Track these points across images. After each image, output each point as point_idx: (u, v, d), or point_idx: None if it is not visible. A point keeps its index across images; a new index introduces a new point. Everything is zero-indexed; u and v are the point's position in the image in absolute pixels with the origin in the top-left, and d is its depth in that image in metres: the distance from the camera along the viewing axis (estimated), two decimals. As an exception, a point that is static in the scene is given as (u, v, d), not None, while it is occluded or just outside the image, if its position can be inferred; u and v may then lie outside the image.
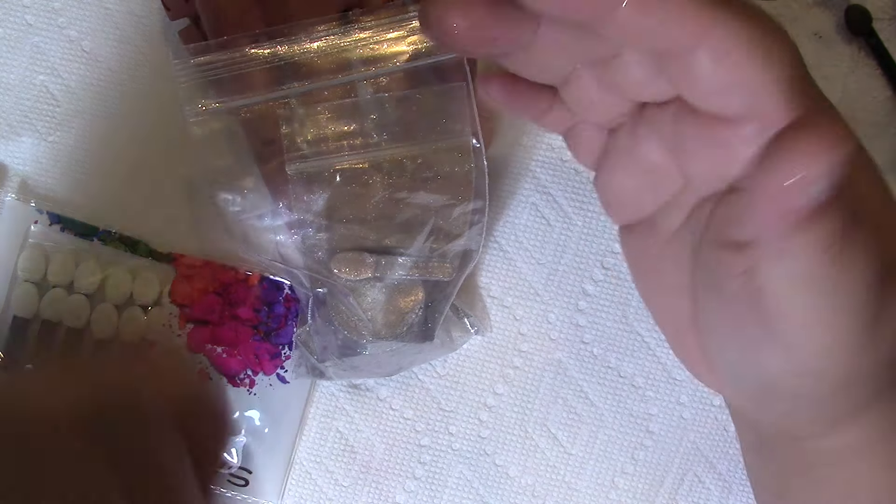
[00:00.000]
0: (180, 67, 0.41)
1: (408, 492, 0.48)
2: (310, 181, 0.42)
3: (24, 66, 0.47)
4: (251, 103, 0.42)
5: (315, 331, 0.44)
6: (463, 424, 0.48)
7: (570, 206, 0.48)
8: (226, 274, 0.46)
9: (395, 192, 0.42)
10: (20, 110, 0.47)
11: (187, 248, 0.47)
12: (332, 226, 0.42)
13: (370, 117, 0.42)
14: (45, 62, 0.47)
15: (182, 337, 0.46)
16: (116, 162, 0.47)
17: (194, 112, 0.42)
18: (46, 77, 0.47)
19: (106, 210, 0.47)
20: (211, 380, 0.46)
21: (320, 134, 0.42)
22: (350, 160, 0.42)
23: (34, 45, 0.47)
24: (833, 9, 0.48)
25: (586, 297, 0.48)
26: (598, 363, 0.48)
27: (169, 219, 0.47)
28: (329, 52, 0.41)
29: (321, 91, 0.42)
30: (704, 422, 0.47)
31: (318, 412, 0.47)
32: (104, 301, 0.46)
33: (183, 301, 0.46)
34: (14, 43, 0.47)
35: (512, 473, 0.48)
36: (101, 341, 0.46)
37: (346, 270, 0.43)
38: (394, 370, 0.46)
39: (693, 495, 0.47)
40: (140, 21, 0.47)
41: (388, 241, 0.43)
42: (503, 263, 0.48)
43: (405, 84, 0.42)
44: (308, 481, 0.47)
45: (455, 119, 0.42)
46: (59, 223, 0.46)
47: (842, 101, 0.48)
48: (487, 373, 0.48)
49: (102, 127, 0.47)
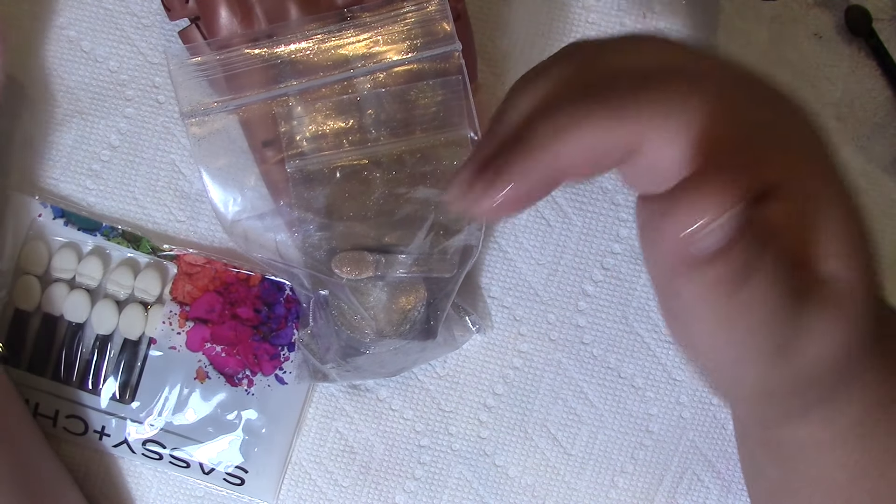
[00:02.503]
0: (178, 67, 0.41)
1: (407, 492, 0.47)
2: (309, 179, 0.42)
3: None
4: (249, 102, 0.42)
5: (317, 333, 0.44)
6: (463, 425, 0.48)
7: (570, 206, 0.48)
8: (227, 273, 0.46)
9: (395, 187, 0.42)
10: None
11: (189, 247, 0.47)
12: (332, 224, 0.42)
13: (368, 113, 0.42)
14: (46, 62, 0.47)
15: (181, 335, 0.46)
16: (117, 161, 0.47)
17: (193, 112, 0.42)
18: (45, 76, 0.47)
19: (108, 207, 0.47)
20: (209, 378, 0.46)
21: (319, 131, 0.42)
22: (349, 157, 0.42)
23: (34, 44, 0.47)
24: (833, 9, 0.48)
25: (586, 298, 0.48)
26: (597, 364, 0.47)
27: (171, 217, 0.47)
28: (326, 49, 0.42)
29: (319, 88, 0.42)
30: (704, 421, 0.47)
31: (317, 413, 0.47)
32: (105, 296, 0.46)
33: (184, 299, 0.46)
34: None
35: (512, 474, 0.47)
36: (101, 336, 0.46)
37: (347, 270, 0.43)
38: (396, 370, 0.46)
39: (692, 494, 0.47)
40: (140, 21, 0.47)
41: (388, 239, 0.43)
42: (503, 264, 0.48)
43: (402, 79, 0.42)
44: (308, 482, 0.47)
45: (452, 112, 0.42)
46: (62, 217, 0.46)
47: (842, 101, 0.48)
48: (487, 373, 0.48)
49: (102, 126, 0.47)
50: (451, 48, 0.42)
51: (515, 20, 0.48)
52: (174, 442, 0.46)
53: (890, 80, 0.48)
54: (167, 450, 0.46)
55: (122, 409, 0.46)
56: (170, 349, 0.46)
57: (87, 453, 0.47)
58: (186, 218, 0.47)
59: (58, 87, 0.47)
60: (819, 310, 0.28)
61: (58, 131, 0.47)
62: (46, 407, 0.46)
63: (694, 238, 0.25)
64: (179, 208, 0.47)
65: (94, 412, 0.46)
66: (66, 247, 0.46)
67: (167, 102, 0.47)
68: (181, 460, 0.46)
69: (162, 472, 0.47)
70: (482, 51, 0.47)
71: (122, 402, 0.46)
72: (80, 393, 0.46)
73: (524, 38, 0.48)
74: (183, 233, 0.47)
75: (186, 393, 0.46)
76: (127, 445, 0.46)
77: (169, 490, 0.47)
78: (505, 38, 0.48)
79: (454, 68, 0.42)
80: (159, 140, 0.47)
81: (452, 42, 0.42)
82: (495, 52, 0.48)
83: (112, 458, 0.47)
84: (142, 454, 0.46)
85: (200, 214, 0.47)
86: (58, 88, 0.47)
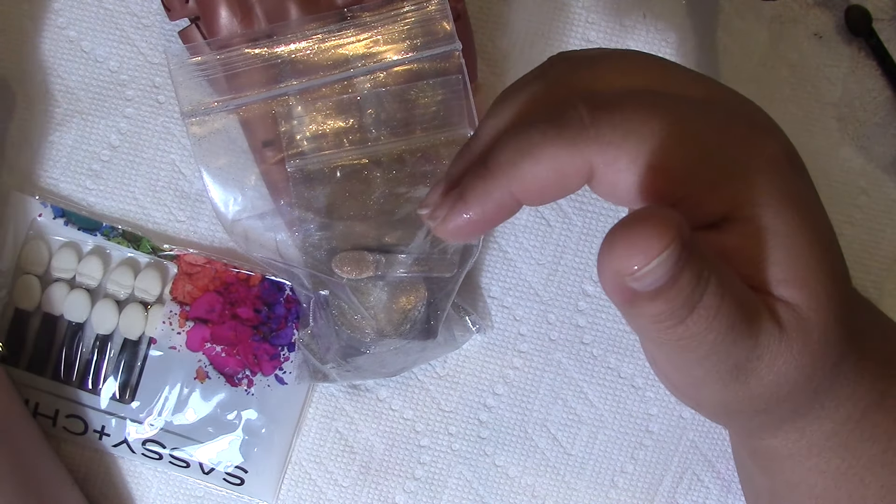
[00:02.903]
0: (178, 67, 0.41)
1: (407, 492, 0.47)
2: (310, 178, 0.42)
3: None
4: (249, 102, 0.42)
5: (317, 333, 0.44)
6: (463, 425, 0.48)
7: (570, 206, 0.48)
8: (227, 273, 0.46)
9: (395, 186, 0.42)
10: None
11: (189, 246, 0.47)
12: (332, 224, 0.43)
13: (368, 113, 0.42)
14: (45, 62, 0.47)
15: (182, 335, 0.46)
16: (117, 161, 0.47)
17: (193, 112, 0.42)
18: (45, 76, 0.47)
19: (108, 207, 0.47)
20: (209, 378, 0.46)
21: (319, 131, 0.42)
22: (349, 156, 0.42)
23: (34, 44, 0.47)
24: (833, 9, 0.48)
25: (586, 298, 0.48)
26: (597, 364, 0.47)
27: (171, 217, 0.47)
28: (326, 49, 0.42)
29: (319, 88, 0.42)
30: (703, 421, 0.47)
31: (317, 413, 0.47)
32: (105, 296, 0.46)
33: (184, 299, 0.46)
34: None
35: (512, 474, 0.47)
36: (101, 336, 0.46)
37: (347, 269, 0.43)
38: (397, 370, 0.46)
39: (692, 494, 0.47)
40: (140, 21, 0.47)
41: (388, 239, 0.43)
42: (503, 264, 0.48)
43: (402, 78, 0.42)
44: (307, 482, 0.47)
45: (452, 112, 0.42)
46: (62, 217, 0.46)
47: (842, 101, 0.48)
48: (487, 373, 0.48)
49: (102, 126, 0.47)
50: (451, 48, 0.42)
51: (515, 20, 0.48)
52: (174, 442, 0.46)
53: (890, 80, 0.48)
54: (167, 450, 0.46)
55: (121, 408, 0.46)
56: (170, 349, 0.46)
57: (87, 453, 0.47)
58: (186, 218, 0.47)
59: (58, 88, 0.47)
60: (772, 335, 0.28)
61: (58, 131, 0.47)
62: (46, 407, 0.46)
63: (632, 278, 0.25)
64: (179, 208, 0.47)
65: (94, 412, 0.46)
66: (66, 246, 0.46)
67: (167, 102, 0.47)
68: (181, 460, 0.46)
69: (162, 472, 0.47)
70: (482, 51, 0.47)
71: (121, 402, 0.46)
72: (79, 393, 0.46)
73: (524, 38, 0.48)
74: (183, 233, 0.47)
75: (186, 393, 0.46)
76: (127, 445, 0.46)
77: (169, 490, 0.47)
78: (505, 38, 0.48)
79: (454, 68, 0.42)
80: (159, 140, 0.47)
81: (452, 41, 0.42)
82: (495, 52, 0.48)
83: (112, 457, 0.47)
84: (142, 454, 0.46)
85: (200, 214, 0.47)
86: (58, 88, 0.47)
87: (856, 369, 0.32)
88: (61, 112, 0.47)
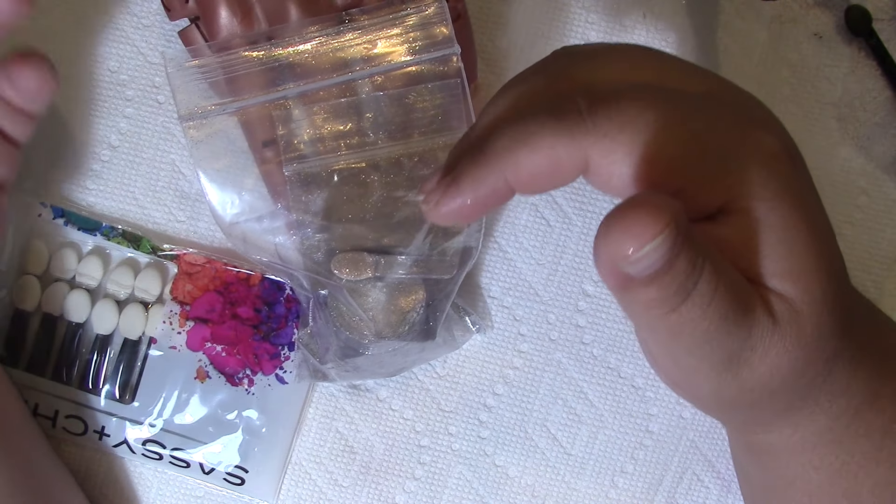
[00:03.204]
0: (175, 71, 0.41)
1: (407, 492, 0.47)
2: (308, 182, 0.42)
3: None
4: (248, 105, 0.42)
5: (316, 333, 0.44)
6: (463, 425, 0.48)
7: (570, 206, 0.48)
8: (227, 273, 0.46)
9: (394, 190, 0.42)
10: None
11: (189, 246, 0.47)
12: (330, 226, 0.42)
13: (367, 116, 0.42)
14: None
15: (182, 335, 0.46)
16: (117, 161, 0.47)
17: (191, 115, 0.42)
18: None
19: (108, 207, 0.47)
20: (210, 378, 0.46)
21: (317, 134, 0.42)
22: (348, 160, 0.42)
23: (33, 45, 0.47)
24: (833, 9, 0.48)
25: (586, 298, 0.48)
26: (597, 364, 0.47)
27: (171, 217, 0.47)
28: (325, 52, 0.42)
29: (317, 91, 0.42)
30: (703, 421, 0.47)
31: (317, 413, 0.47)
32: (105, 296, 0.46)
33: (184, 299, 0.46)
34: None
35: (512, 474, 0.47)
36: (101, 336, 0.46)
37: (346, 271, 0.43)
38: (396, 370, 0.46)
39: (692, 494, 0.47)
40: (140, 21, 0.47)
41: (387, 241, 0.43)
42: (503, 264, 0.48)
43: (401, 82, 0.42)
44: (307, 482, 0.47)
45: (451, 115, 0.42)
46: (62, 217, 0.46)
47: (842, 101, 0.48)
48: (487, 373, 0.48)
49: (102, 126, 0.47)
50: (449, 51, 0.42)
51: (515, 20, 0.48)
52: (174, 442, 0.46)
53: (890, 80, 0.48)
54: (167, 450, 0.46)
55: (121, 408, 0.46)
56: (170, 349, 0.46)
57: (87, 453, 0.47)
58: (186, 218, 0.47)
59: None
60: (765, 327, 0.29)
61: (58, 132, 0.47)
62: (46, 407, 0.46)
63: (627, 262, 0.25)
64: (179, 208, 0.47)
65: (94, 412, 0.46)
66: (66, 247, 0.46)
67: (167, 102, 0.47)
68: (181, 460, 0.46)
69: (162, 472, 0.47)
70: (482, 51, 0.47)
71: (122, 402, 0.46)
72: (79, 393, 0.46)
73: (524, 38, 0.48)
74: (183, 232, 0.47)
75: (187, 393, 0.46)
76: (127, 445, 0.46)
77: (169, 490, 0.47)
78: (505, 38, 0.48)
79: (453, 71, 0.42)
80: (159, 140, 0.47)
81: (451, 45, 0.42)
82: (495, 52, 0.48)
83: (112, 458, 0.47)
84: (142, 454, 0.46)
85: (200, 214, 0.47)
86: (58, 88, 0.47)
87: (850, 366, 0.32)
88: (61, 112, 0.47)
